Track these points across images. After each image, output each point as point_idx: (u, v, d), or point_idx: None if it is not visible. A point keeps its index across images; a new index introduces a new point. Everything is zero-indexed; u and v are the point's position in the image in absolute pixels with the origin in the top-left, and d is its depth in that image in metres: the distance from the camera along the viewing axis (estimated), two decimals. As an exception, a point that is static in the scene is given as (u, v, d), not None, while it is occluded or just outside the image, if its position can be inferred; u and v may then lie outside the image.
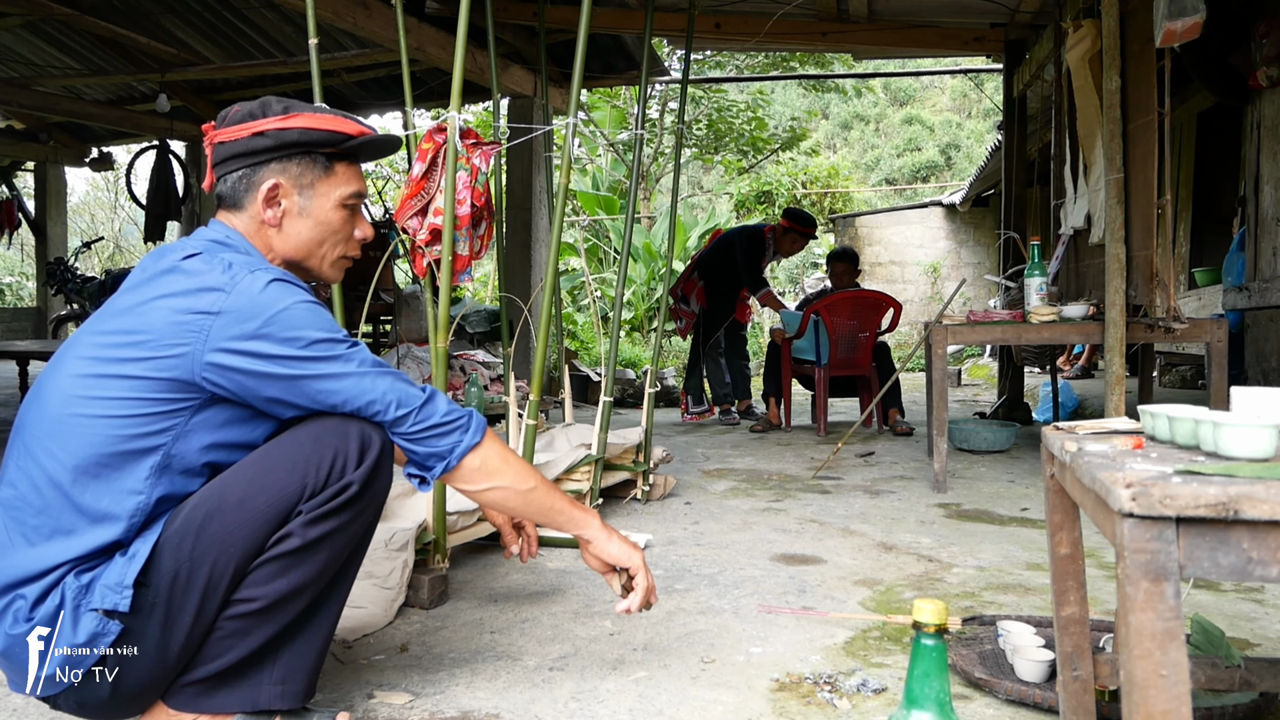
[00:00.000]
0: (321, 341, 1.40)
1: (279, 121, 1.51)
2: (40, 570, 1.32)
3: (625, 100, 14.10)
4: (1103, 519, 1.03)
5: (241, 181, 1.52)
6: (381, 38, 5.84)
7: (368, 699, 1.71)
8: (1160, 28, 2.95)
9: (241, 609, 1.40)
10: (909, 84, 26.55)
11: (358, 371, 1.43)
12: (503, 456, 1.55)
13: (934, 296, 13.26)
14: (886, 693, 1.73)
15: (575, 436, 3.37)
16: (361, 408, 1.44)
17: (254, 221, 1.53)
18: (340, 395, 1.42)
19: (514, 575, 2.52)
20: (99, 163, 11.15)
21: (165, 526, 1.37)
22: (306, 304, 1.41)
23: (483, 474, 1.53)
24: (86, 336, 1.42)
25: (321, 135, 1.53)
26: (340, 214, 1.58)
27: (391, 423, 1.46)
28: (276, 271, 1.44)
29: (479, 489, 1.55)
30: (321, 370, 1.40)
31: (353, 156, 1.60)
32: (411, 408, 1.46)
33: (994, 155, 9.75)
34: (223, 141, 1.52)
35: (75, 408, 1.35)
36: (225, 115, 1.55)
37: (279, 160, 1.52)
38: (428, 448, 1.49)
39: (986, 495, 3.64)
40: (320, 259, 1.59)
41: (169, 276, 1.41)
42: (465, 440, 1.50)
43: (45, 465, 1.34)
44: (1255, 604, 2.25)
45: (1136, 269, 3.39)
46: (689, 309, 6.27)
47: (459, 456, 1.50)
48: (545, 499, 1.61)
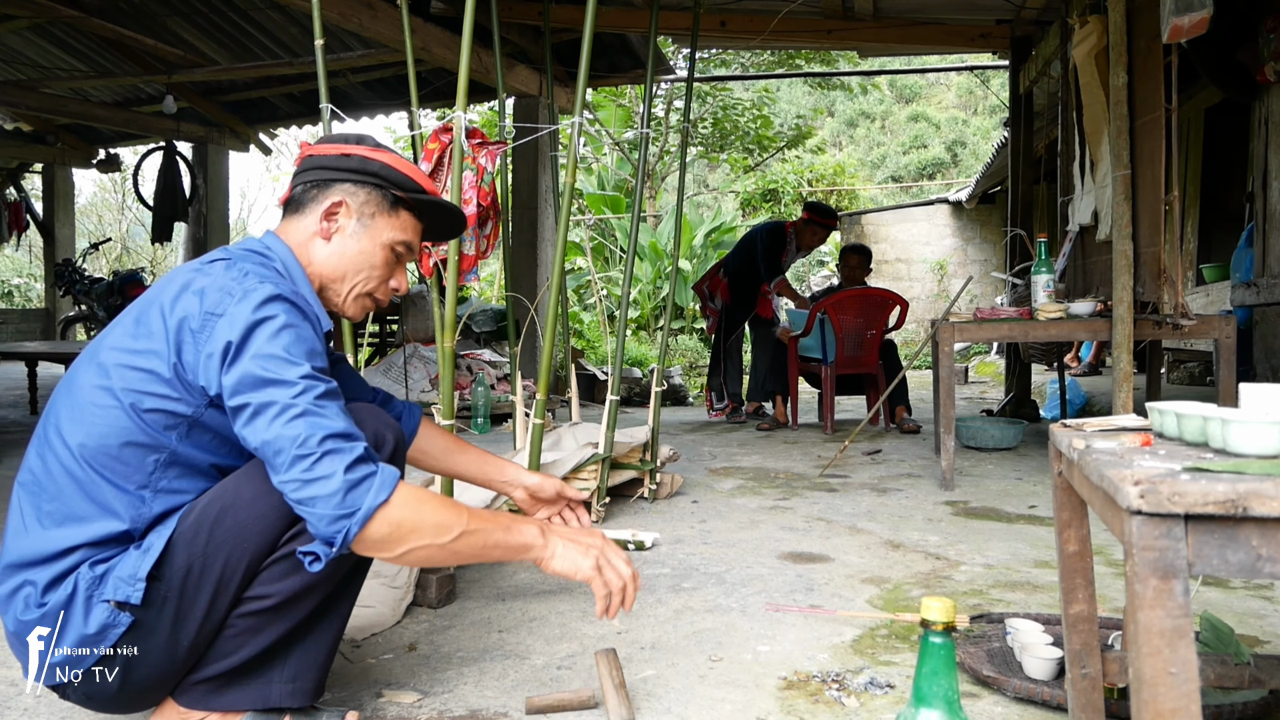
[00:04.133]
0: (275, 359, 1.32)
1: (368, 151, 1.58)
2: (50, 553, 1.34)
3: (630, 99, 14.10)
4: (1111, 516, 1.02)
5: (313, 189, 1.57)
6: (387, 38, 5.85)
7: (376, 698, 1.71)
8: (1167, 23, 2.93)
9: (253, 606, 1.41)
10: (915, 81, 26.49)
11: (286, 403, 1.29)
12: (417, 509, 1.33)
13: (940, 294, 13.24)
14: (894, 691, 1.73)
15: (582, 435, 3.37)
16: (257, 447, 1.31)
17: (307, 231, 1.56)
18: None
19: (521, 574, 2.52)
20: (106, 164, 11.20)
21: (180, 521, 1.38)
22: (288, 326, 1.35)
23: (396, 540, 1.31)
24: (117, 327, 1.45)
25: (399, 176, 1.58)
26: (384, 254, 1.59)
27: (281, 478, 1.29)
28: (283, 288, 1.40)
29: (396, 554, 1.33)
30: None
31: (418, 211, 1.63)
32: (307, 454, 1.27)
33: (1000, 152, 9.74)
34: (313, 154, 1.59)
35: (91, 397, 1.38)
36: (324, 137, 1.63)
37: (353, 183, 1.56)
38: (317, 512, 1.27)
39: (994, 493, 3.63)
40: (350, 288, 1.59)
41: (189, 274, 1.44)
42: (367, 503, 1.28)
43: (59, 453, 1.37)
44: (1265, 601, 2.25)
45: (1144, 265, 3.38)
46: (715, 306, 6.28)
47: (361, 523, 1.28)
48: (479, 539, 1.38)
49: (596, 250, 14.19)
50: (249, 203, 24.33)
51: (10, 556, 1.37)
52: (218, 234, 9.74)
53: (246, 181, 30.02)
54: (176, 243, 12.01)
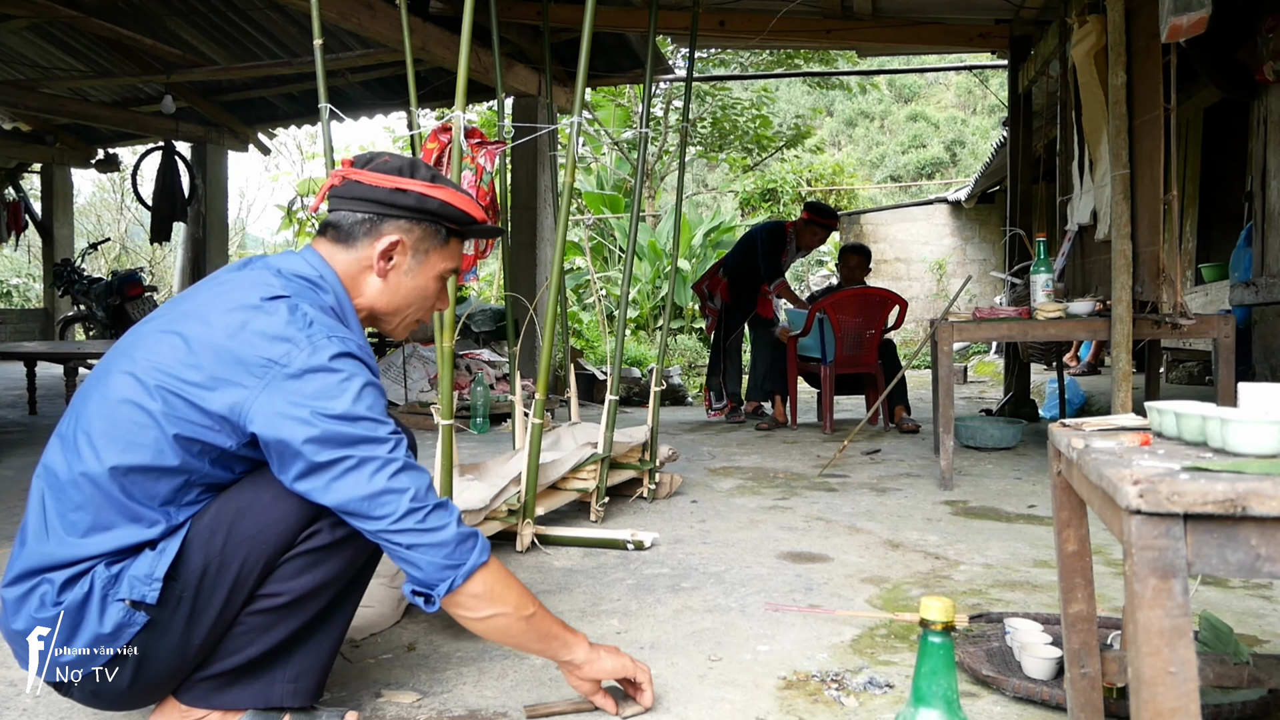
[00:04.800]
0: (363, 420, 1.36)
1: (424, 187, 1.53)
2: (75, 559, 1.34)
3: (630, 99, 14.11)
4: (1110, 516, 1.02)
5: (365, 224, 1.53)
6: (386, 38, 5.85)
7: (375, 698, 1.71)
8: (1166, 23, 2.94)
9: (266, 604, 1.41)
10: (914, 81, 26.48)
11: (386, 457, 1.36)
12: (506, 581, 1.46)
13: (939, 293, 13.24)
14: (894, 690, 1.73)
15: (581, 435, 3.37)
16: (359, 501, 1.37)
17: (359, 264, 1.54)
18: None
19: (520, 574, 2.52)
20: (105, 164, 11.20)
21: (194, 523, 1.39)
22: (370, 385, 1.38)
23: (487, 600, 1.42)
24: (164, 341, 1.39)
25: (456, 213, 1.57)
26: (437, 285, 1.61)
27: (388, 526, 1.36)
28: (350, 344, 1.40)
29: (480, 616, 1.44)
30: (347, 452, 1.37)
31: (464, 236, 1.64)
32: (424, 507, 1.37)
33: (999, 152, 9.74)
34: (360, 181, 1.53)
35: (129, 414, 1.35)
36: (372, 158, 1.56)
37: (409, 220, 1.54)
38: (428, 559, 1.37)
39: (993, 492, 3.63)
40: (402, 319, 1.61)
41: (249, 312, 1.39)
42: (472, 560, 1.40)
43: (89, 466, 1.35)
44: (1264, 600, 2.25)
45: (1143, 265, 3.38)
46: (714, 306, 6.27)
47: (465, 576, 1.39)
48: (544, 625, 1.50)
49: (595, 250, 14.19)
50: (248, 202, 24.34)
51: (33, 560, 1.35)
52: (216, 234, 9.74)
53: (245, 181, 30.14)
54: (175, 243, 12.03)
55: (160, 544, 1.37)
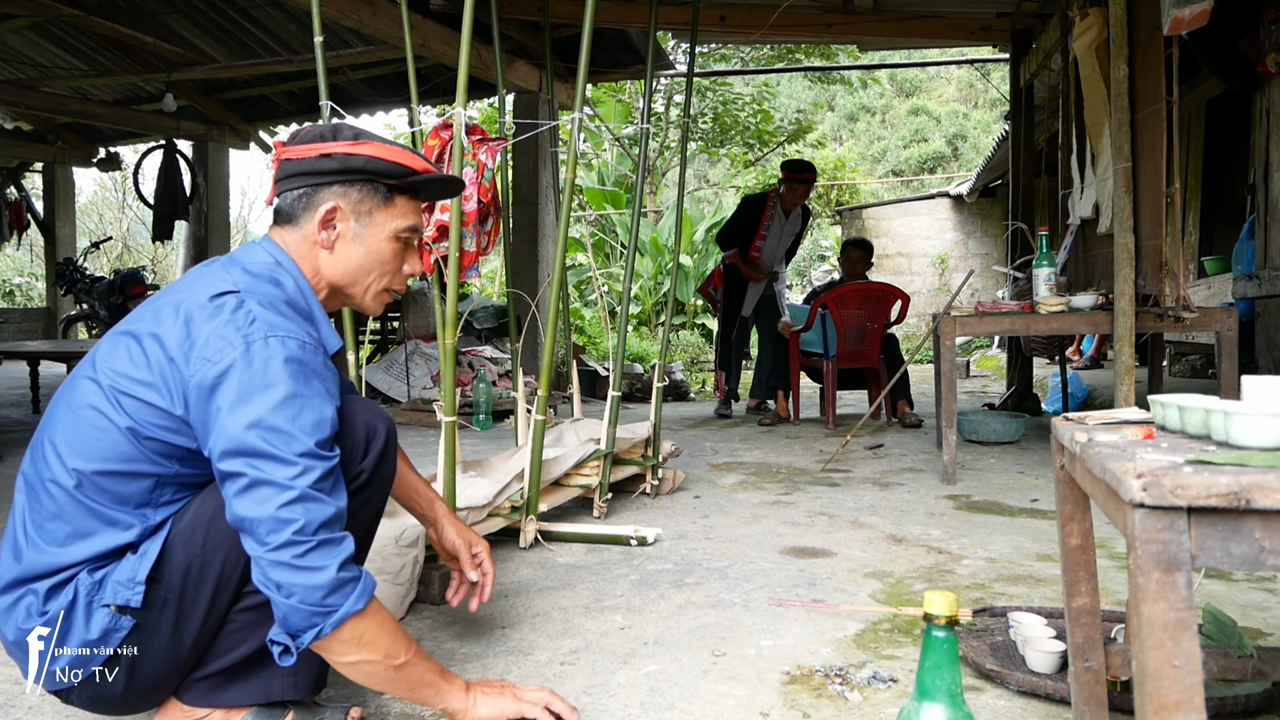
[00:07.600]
0: (276, 432, 1.30)
1: (347, 146, 1.49)
2: (57, 568, 1.34)
3: (630, 94, 14.09)
4: (1114, 510, 1.02)
5: (301, 200, 1.50)
6: (386, 35, 5.85)
7: (379, 694, 1.71)
8: (1168, 15, 2.93)
9: (255, 600, 1.41)
10: (915, 75, 26.46)
11: (283, 484, 1.28)
12: (381, 626, 1.35)
13: (942, 288, 13.23)
14: (898, 685, 1.73)
15: (584, 431, 3.37)
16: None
17: (306, 241, 1.51)
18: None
19: (524, 570, 2.52)
20: (106, 163, 11.20)
21: (174, 523, 1.38)
22: (295, 396, 1.32)
23: (354, 645, 1.33)
24: (119, 345, 1.39)
25: (387, 166, 1.51)
26: (392, 246, 1.55)
27: (263, 554, 1.27)
28: (290, 344, 1.34)
29: (346, 661, 1.34)
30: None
31: (414, 192, 1.58)
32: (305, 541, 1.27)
33: (1001, 145, 9.72)
34: (289, 159, 1.51)
35: (90, 419, 1.36)
36: (297, 134, 1.54)
37: (341, 184, 1.50)
38: (295, 603, 1.27)
39: (996, 487, 3.63)
40: (365, 288, 1.56)
41: (194, 310, 1.37)
42: (345, 607, 1.29)
43: (56, 472, 1.35)
44: (1268, 593, 2.25)
45: (1145, 258, 3.37)
46: (717, 297, 6.24)
47: (334, 625, 1.29)
48: (416, 673, 1.40)
49: (597, 246, 14.18)
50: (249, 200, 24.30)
51: (16, 571, 1.35)
52: (218, 232, 9.74)
53: (247, 179, 30.12)
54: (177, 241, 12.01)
55: (141, 546, 1.36)
